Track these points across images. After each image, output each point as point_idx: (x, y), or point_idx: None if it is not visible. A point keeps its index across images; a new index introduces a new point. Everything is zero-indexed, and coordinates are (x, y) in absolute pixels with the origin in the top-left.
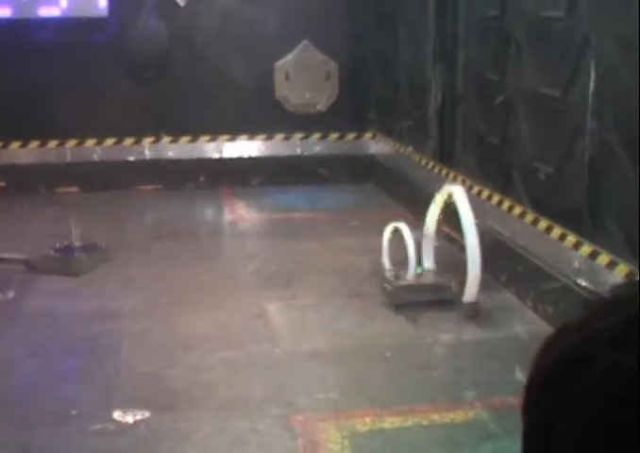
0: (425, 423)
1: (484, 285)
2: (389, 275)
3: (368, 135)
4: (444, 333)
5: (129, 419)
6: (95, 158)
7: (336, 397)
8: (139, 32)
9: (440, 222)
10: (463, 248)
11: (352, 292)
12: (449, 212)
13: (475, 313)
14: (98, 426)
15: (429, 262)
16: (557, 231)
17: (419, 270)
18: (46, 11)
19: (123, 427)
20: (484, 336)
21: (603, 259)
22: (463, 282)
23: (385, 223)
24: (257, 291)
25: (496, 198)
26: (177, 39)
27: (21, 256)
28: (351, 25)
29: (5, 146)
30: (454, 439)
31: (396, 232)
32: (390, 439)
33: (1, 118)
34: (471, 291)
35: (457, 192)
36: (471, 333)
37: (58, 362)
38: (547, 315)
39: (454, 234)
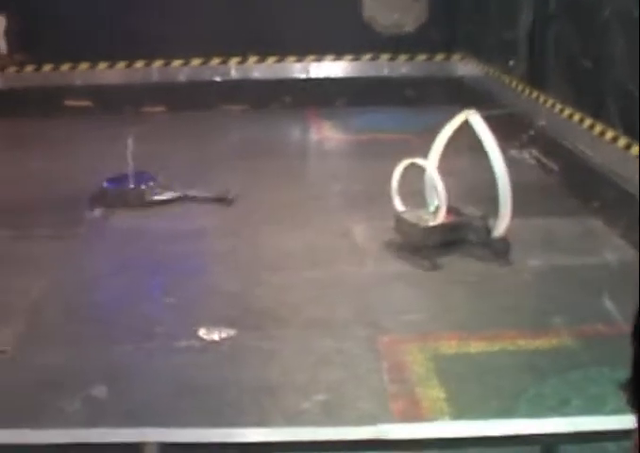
0: (511, 348)
1: (573, 211)
2: (409, 216)
3: (457, 56)
4: (531, 259)
5: (214, 337)
6: (182, 77)
7: (422, 320)
8: None
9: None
10: (549, 171)
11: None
12: (538, 136)
13: (506, 250)
14: (183, 343)
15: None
16: None
17: (432, 208)
18: None
19: (207, 344)
20: (573, 262)
21: None
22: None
23: (471, 146)
24: (342, 211)
25: (587, 122)
26: None
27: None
28: None
29: (92, 67)
30: (540, 366)
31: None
32: (475, 363)
33: (88, 39)
34: (502, 224)
35: (475, 120)
36: (559, 260)
37: (144, 280)
38: (636, 243)
39: (544, 158)
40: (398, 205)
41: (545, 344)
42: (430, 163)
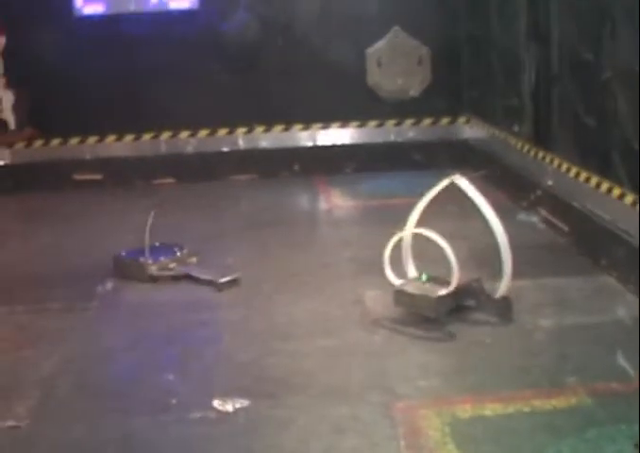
0: (526, 409)
1: (584, 269)
2: (411, 288)
3: (462, 119)
4: (544, 318)
5: (229, 407)
6: (190, 149)
7: (436, 384)
8: (229, 23)
9: (536, 205)
10: (562, 233)
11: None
12: (546, 196)
13: (509, 309)
14: (198, 414)
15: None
16: None
17: (424, 277)
18: (137, 6)
19: (222, 415)
20: (586, 321)
21: None
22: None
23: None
24: (354, 278)
25: (594, 180)
26: (270, 28)
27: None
28: (441, 8)
29: (101, 140)
30: (557, 425)
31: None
32: (491, 425)
33: (96, 112)
34: (505, 284)
35: (464, 184)
36: (572, 318)
37: (157, 352)
38: None
39: (552, 218)
40: (392, 277)
41: (560, 404)
42: (408, 230)
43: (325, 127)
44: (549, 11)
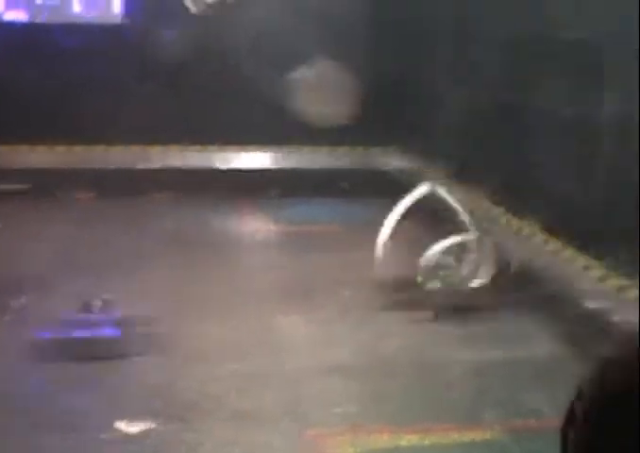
0: (443, 442)
1: (504, 307)
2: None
3: (388, 150)
4: (464, 351)
5: (137, 429)
6: (113, 164)
7: (352, 412)
8: (153, 40)
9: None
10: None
11: (369, 305)
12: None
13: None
14: (105, 434)
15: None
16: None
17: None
18: (61, 16)
19: (130, 436)
20: (504, 356)
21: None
22: None
23: (406, 238)
24: (271, 303)
25: (514, 221)
26: (197, 47)
27: None
28: (373, 39)
29: (29, 151)
30: None
31: None
32: None
33: (23, 123)
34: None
35: (441, 189)
36: (492, 353)
37: (67, 369)
38: (564, 338)
39: None
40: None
41: (477, 438)
42: (384, 231)
43: (251, 150)
44: (477, 48)
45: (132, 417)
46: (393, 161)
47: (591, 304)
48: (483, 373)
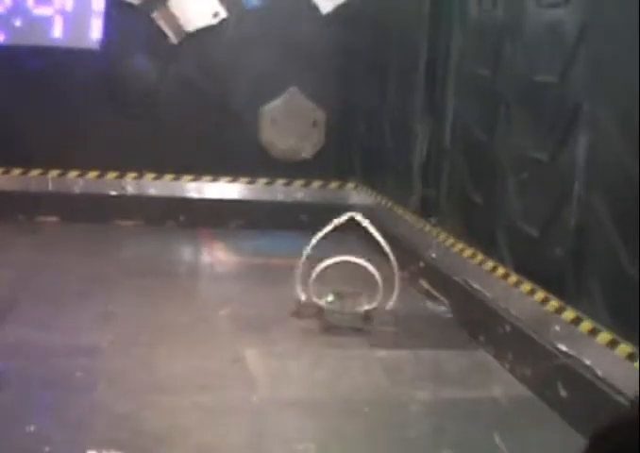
0: None
1: (463, 344)
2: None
3: (351, 185)
4: (421, 390)
5: None
6: (77, 189)
7: (312, 449)
8: (128, 68)
9: (418, 277)
10: (441, 305)
11: (328, 340)
12: (429, 269)
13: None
14: None
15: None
16: (540, 294)
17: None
18: (38, 40)
19: None
20: (462, 395)
21: (585, 325)
22: None
23: (361, 273)
24: (234, 335)
25: (479, 257)
26: (168, 77)
27: None
28: (341, 74)
29: None
30: None
31: None
32: None
33: None
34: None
35: (362, 220)
36: (448, 392)
37: (33, 396)
38: (524, 378)
39: (433, 291)
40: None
41: None
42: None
43: (214, 180)
44: (446, 88)
45: (99, 447)
46: (355, 196)
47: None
48: None
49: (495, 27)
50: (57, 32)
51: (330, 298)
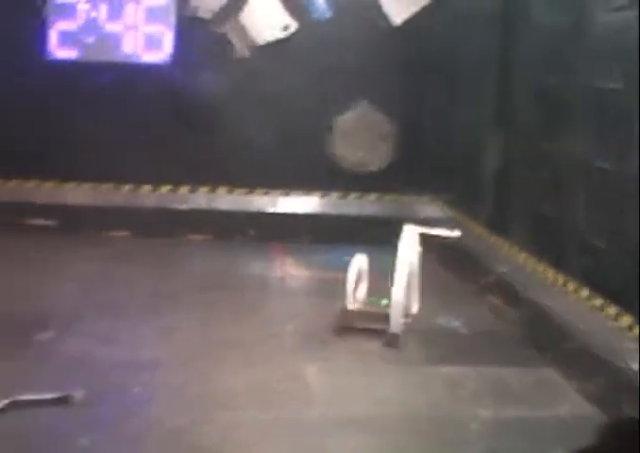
0: None
1: (529, 361)
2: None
3: (422, 198)
4: (483, 408)
5: None
6: (148, 204)
7: None
8: (199, 81)
9: (487, 292)
10: (509, 322)
11: (393, 358)
12: (498, 283)
13: (396, 343)
14: None
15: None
16: (611, 310)
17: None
18: (110, 56)
19: None
20: (525, 414)
21: None
22: None
23: (433, 290)
24: (297, 351)
25: (550, 272)
26: (237, 91)
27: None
28: (412, 87)
29: (58, 186)
30: None
31: None
32: None
33: (55, 158)
34: (395, 321)
35: (407, 231)
36: (511, 410)
37: (87, 410)
38: (591, 397)
39: (503, 307)
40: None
41: None
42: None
43: (285, 194)
44: (515, 98)
45: None
46: (426, 209)
47: None
48: None
49: (561, 34)
50: (128, 48)
51: (385, 301)
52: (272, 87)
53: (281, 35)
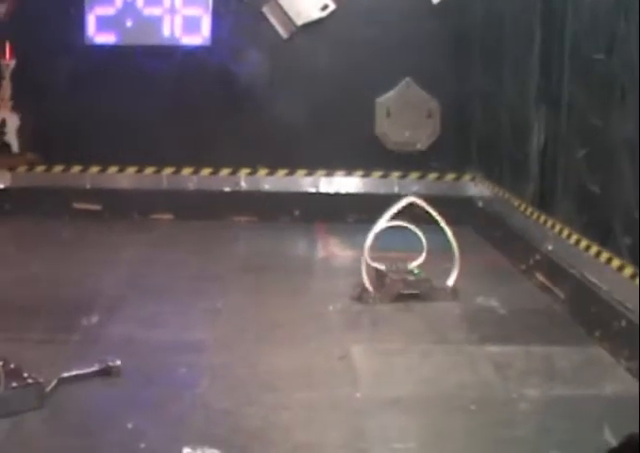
0: None
1: (577, 340)
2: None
3: (467, 176)
4: (531, 388)
5: None
6: (191, 186)
7: (414, 449)
8: (239, 63)
9: (534, 270)
10: (557, 300)
11: (439, 337)
12: (545, 261)
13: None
14: None
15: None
16: None
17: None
18: (150, 39)
19: None
20: (573, 393)
21: None
22: None
23: (479, 267)
24: (342, 331)
25: (594, 249)
26: (281, 71)
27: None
28: (455, 64)
29: (102, 171)
30: None
31: None
32: None
33: (100, 143)
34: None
35: (422, 203)
36: (559, 390)
37: (133, 392)
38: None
39: (549, 283)
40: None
41: None
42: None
43: (329, 175)
44: (561, 74)
45: (195, 443)
46: (472, 188)
47: None
48: None
49: (609, 8)
50: (167, 31)
51: (416, 270)
52: (313, 67)
53: (320, 15)
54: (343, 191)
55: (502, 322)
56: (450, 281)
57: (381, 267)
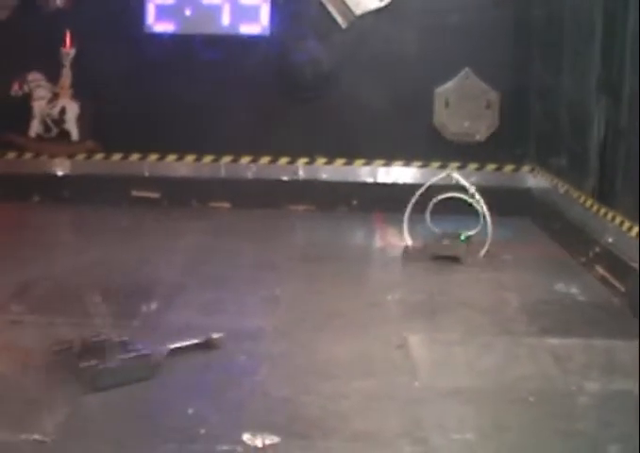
0: None
1: (637, 334)
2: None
3: (526, 168)
4: (591, 381)
5: (258, 443)
6: (249, 175)
7: (473, 439)
8: (298, 53)
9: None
10: (617, 293)
11: (499, 329)
12: (605, 254)
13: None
14: (225, 447)
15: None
16: None
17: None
18: (208, 28)
19: (250, 450)
20: (634, 388)
21: None
22: None
23: (539, 260)
24: (400, 321)
25: None
26: (338, 61)
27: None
28: (514, 54)
29: (161, 159)
30: None
31: None
32: None
33: (159, 131)
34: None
35: (458, 177)
36: (619, 384)
37: (192, 378)
38: None
39: (610, 278)
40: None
41: None
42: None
43: (387, 165)
44: (622, 66)
45: (254, 430)
46: (530, 179)
47: None
48: None
49: None
50: (226, 20)
51: (463, 237)
52: (372, 56)
53: (379, 5)
54: (400, 181)
55: (561, 314)
56: (483, 252)
57: (435, 230)
